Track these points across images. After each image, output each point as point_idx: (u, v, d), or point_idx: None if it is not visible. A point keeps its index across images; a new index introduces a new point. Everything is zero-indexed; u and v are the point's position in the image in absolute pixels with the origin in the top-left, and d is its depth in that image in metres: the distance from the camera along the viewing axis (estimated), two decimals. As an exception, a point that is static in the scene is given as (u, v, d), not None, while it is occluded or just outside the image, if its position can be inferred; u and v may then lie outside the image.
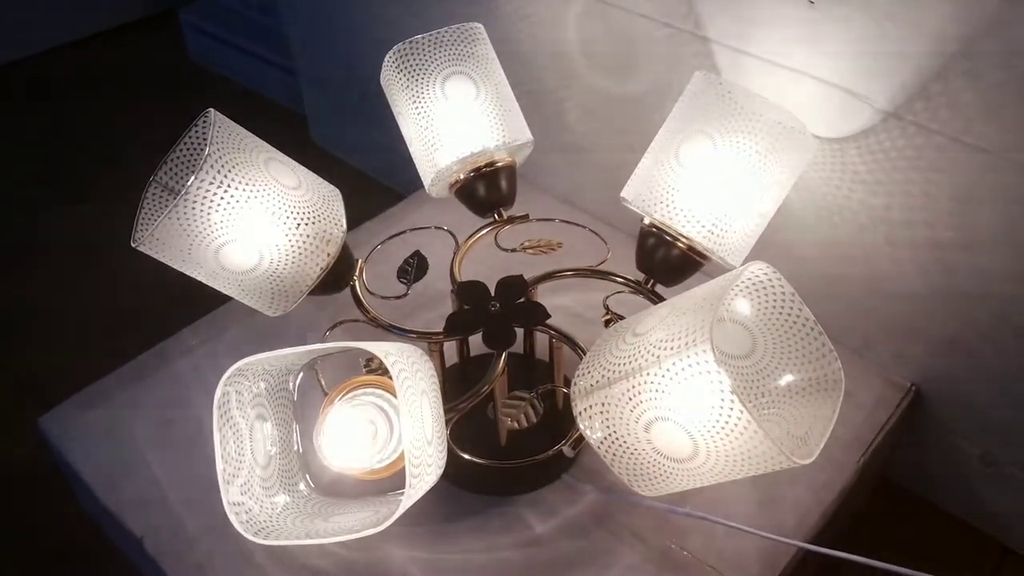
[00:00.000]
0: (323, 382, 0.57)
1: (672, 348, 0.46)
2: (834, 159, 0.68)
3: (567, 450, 0.58)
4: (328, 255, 0.60)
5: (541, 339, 0.69)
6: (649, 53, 0.77)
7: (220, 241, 0.56)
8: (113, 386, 0.74)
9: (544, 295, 0.64)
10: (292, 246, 0.58)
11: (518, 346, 0.63)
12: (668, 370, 0.46)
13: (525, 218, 0.68)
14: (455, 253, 0.66)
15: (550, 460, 0.60)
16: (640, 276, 0.64)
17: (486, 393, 0.58)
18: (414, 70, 0.65)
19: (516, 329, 0.60)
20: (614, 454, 0.52)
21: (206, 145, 0.53)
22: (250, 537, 0.50)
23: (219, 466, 0.51)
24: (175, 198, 0.53)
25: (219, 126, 0.55)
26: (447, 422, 0.55)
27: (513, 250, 0.67)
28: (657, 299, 0.62)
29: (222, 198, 0.54)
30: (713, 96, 0.59)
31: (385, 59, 0.66)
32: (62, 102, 1.61)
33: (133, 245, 0.55)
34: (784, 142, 0.58)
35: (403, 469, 0.48)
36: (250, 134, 0.59)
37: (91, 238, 1.27)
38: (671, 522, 0.63)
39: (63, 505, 0.85)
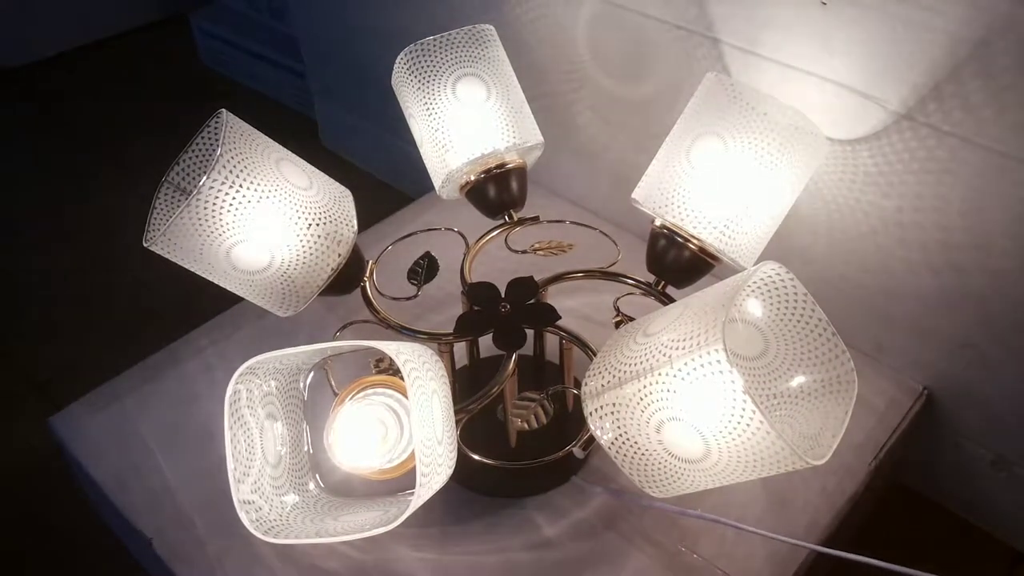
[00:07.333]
0: (333, 382, 0.57)
1: (684, 348, 0.46)
2: (846, 161, 0.68)
3: (577, 451, 0.58)
4: (339, 256, 0.61)
5: (551, 341, 0.69)
6: (660, 55, 0.77)
7: (231, 241, 0.56)
8: (123, 387, 0.74)
9: (554, 297, 0.64)
10: (303, 246, 0.58)
11: (528, 347, 0.63)
12: (680, 370, 0.46)
13: (536, 220, 0.68)
14: (465, 254, 0.66)
15: (560, 462, 0.60)
16: (651, 278, 0.64)
17: (496, 394, 0.58)
18: (425, 72, 0.65)
19: (526, 330, 0.60)
20: (625, 455, 0.52)
21: (218, 145, 0.54)
22: (260, 536, 0.50)
23: (230, 464, 0.51)
24: (187, 198, 0.53)
25: (231, 126, 0.55)
26: (457, 423, 0.55)
27: (524, 252, 0.67)
28: (668, 301, 0.62)
29: (234, 198, 0.54)
30: (724, 97, 0.59)
31: (396, 61, 0.66)
32: (74, 105, 1.62)
33: (145, 245, 0.56)
34: (796, 143, 0.58)
35: (413, 469, 0.48)
36: (262, 135, 0.59)
37: (101, 239, 1.28)
38: (681, 525, 0.62)
39: (73, 506, 0.86)
